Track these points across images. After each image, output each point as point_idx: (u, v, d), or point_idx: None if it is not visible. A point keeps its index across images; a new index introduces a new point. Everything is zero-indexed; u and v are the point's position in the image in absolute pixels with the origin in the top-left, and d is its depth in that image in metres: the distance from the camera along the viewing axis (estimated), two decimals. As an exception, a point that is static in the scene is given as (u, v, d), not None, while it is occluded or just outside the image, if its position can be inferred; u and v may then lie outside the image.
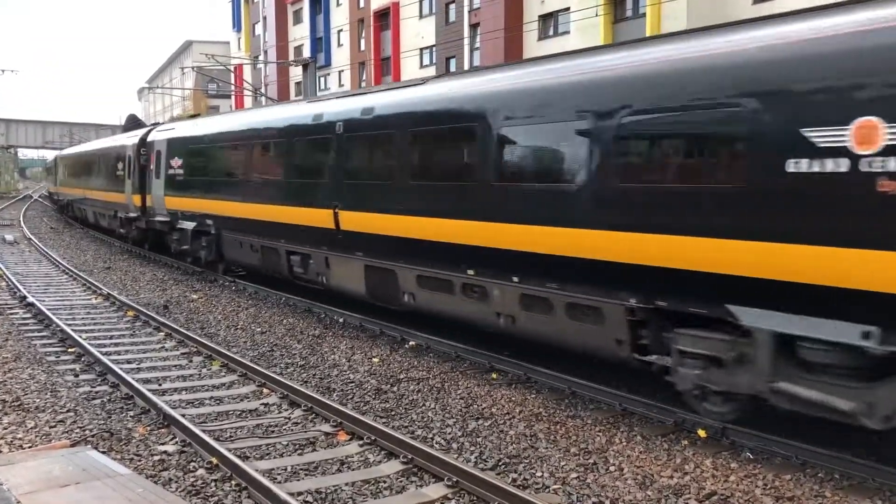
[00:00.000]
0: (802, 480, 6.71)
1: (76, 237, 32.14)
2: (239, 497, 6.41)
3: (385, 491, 6.61)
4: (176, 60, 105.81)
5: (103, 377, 10.16)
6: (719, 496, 6.41)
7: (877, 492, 6.45)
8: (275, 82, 63.72)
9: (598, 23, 30.49)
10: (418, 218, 11.00)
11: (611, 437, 7.82)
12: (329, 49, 59.34)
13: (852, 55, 6.27)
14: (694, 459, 7.21)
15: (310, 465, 7.15)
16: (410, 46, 47.33)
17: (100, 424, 8.04)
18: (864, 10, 6.42)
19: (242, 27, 76.15)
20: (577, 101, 8.70)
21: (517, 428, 8.11)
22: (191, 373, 10.59)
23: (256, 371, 10.12)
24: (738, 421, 7.72)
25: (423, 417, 8.54)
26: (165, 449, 7.50)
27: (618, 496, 6.41)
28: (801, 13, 7.05)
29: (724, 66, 7.24)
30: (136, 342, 12.42)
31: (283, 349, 11.88)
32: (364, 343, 12.17)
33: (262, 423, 8.33)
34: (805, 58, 6.63)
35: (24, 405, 8.62)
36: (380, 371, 10.48)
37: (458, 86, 10.90)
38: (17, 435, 7.68)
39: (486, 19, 38.21)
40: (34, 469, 6.37)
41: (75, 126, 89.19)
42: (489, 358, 10.68)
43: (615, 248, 8.12)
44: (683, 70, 7.62)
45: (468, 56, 40.81)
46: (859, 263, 6.13)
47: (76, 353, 11.45)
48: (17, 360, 10.65)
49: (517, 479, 6.76)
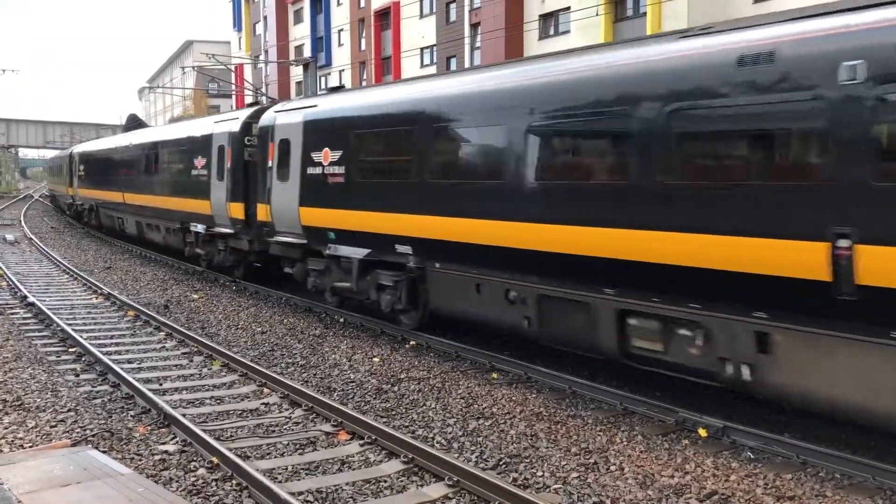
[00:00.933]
0: (803, 480, 6.71)
1: (77, 237, 32.15)
2: (239, 497, 6.42)
3: (386, 490, 6.61)
4: (176, 60, 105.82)
5: (104, 377, 10.16)
6: (720, 495, 6.40)
7: (877, 491, 6.44)
8: (275, 82, 63.74)
9: (599, 22, 30.48)
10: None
11: (611, 437, 7.82)
12: (329, 48, 59.35)
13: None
14: (695, 459, 7.21)
15: (310, 464, 7.16)
16: (411, 46, 47.32)
17: (100, 424, 8.04)
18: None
19: (243, 27, 76.16)
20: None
21: (518, 427, 8.11)
22: (191, 372, 10.59)
23: (257, 371, 10.12)
24: (739, 420, 7.71)
25: (423, 417, 8.54)
26: (166, 448, 7.50)
27: (618, 496, 6.41)
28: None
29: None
30: (136, 342, 12.43)
31: (283, 349, 11.88)
32: (365, 343, 12.17)
33: (263, 423, 8.34)
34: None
35: (24, 405, 8.63)
36: (380, 371, 10.48)
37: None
38: (17, 434, 7.68)
39: (487, 19, 38.20)
40: (35, 469, 6.37)
41: (76, 126, 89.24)
42: (490, 357, 10.68)
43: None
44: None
45: (469, 56, 40.80)
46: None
47: (77, 352, 11.46)
48: (18, 360, 10.65)
49: (518, 479, 6.76)
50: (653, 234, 7.98)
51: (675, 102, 7.78)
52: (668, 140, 7.87)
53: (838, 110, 6.57)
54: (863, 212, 6.45)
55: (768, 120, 7.17)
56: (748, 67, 7.21)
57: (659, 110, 7.91)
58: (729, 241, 7.34)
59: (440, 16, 44.26)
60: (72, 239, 31.12)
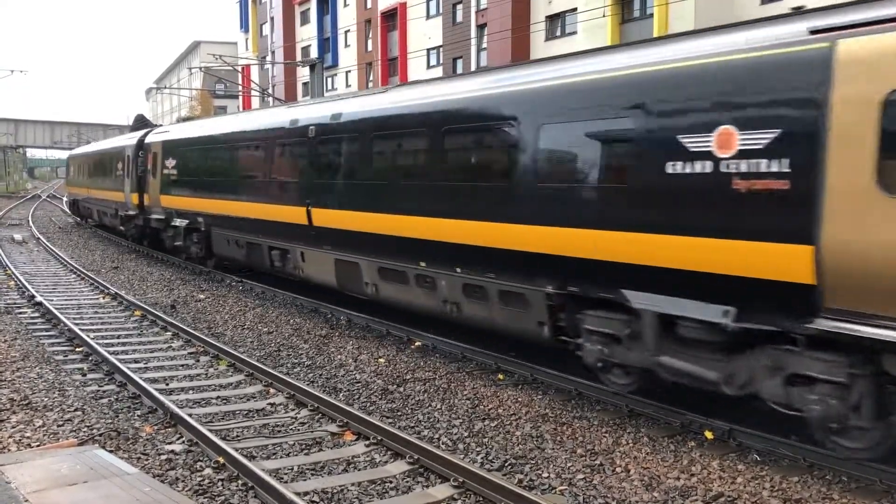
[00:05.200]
0: (810, 482, 6.69)
1: (84, 237, 32.25)
2: (245, 496, 6.43)
3: (391, 491, 6.61)
4: (184, 61, 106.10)
5: (111, 376, 10.20)
6: (726, 498, 6.39)
7: (884, 494, 6.42)
8: (282, 83, 63.82)
9: (606, 23, 30.43)
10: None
11: (617, 439, 7.81)
12: (336, 49, 59.41)
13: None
14: (701, 461, 7.19)
15: (316, 464, 7.17)
16: (417, 47, 47.34)
17: (107, 423, 8.06)
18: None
19: (250, 28, 76.33)
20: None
21: (523, 429, 8.11)
22: (198, 372, 10.62)
23: (263, 371, 10.14)
24: (745, 423, 7.70)
25: (429, 418, 8.54)
26: (172, 448, 7.52)
27: (624, 497, 6.40)
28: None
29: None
30: (143, 341, 12.46)
31: (289, 349, 11.90)
32: (370, 343, 12.18)
33: (269, 423, 8.35)
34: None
35: (32, 404, 8.65)
36: (386, 371, 10.49)
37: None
38: (25, 433, 7.70)
39: (494, 20, 38.19)
40: (42, 468, 6.40)
41: (83, 126, 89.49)
42: (496, 358, 10.67)
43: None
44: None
45: (475, 57, 40.80)
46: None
47: (84, 352, 11.49)
48: (26, 360, 10.68)
49: (523, 480, 6.76)
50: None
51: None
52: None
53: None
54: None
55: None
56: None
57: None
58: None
59: (447, 17, 44.27)
60: (79, 239, 31.21)
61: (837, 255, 6.13)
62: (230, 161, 17.36)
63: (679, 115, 7.33)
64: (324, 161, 13.32)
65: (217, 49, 66.39)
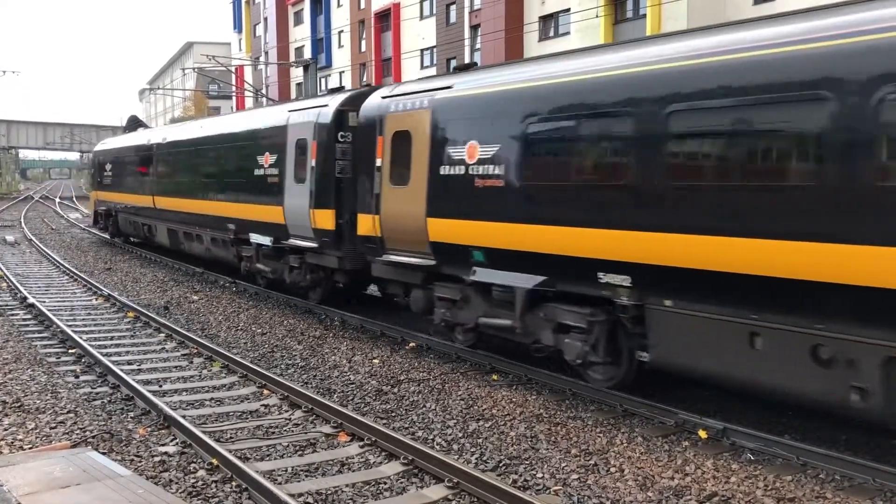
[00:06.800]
0: (803, 481, 6.70)
1: (77, 238, 32.15)
2: (239, 498, 6.41)
3: (386, 492, 6.60)
4: (177, 61, 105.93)
5: (104, 378, 10.16)
6: (720, 497, 6.40)
7: (877, 492, 6.44)
8: (276, 83, 63.77)
9: (599, 24, 30.49)
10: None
11: (611, 438, 7.82)
12: (330, 50, 59.38)
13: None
14: (695, 460, 7.20)
15: (310, 466, 7.15)
16: (411, 47, 47.35)
17: (100, 425, 8.03)
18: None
19: (243, 28, 76.19)
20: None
21: (518, 429, 8.11)
22: (191, 374, 10.59)
23: (257, 372, 10.12)
24: (739, 422, 7.71)
25: (423, 418, 8.53)
26: (166, 450, 7.50)
27: (619, 497, 6.41)
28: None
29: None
30: (136, 343, 12.43)
31: (283, 350, 11.88)
32: (364, 344, 12.17)
33: (263, 425, 8.33)
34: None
35: (24, 406, 8.62)
36: (380, 372, 10.48)
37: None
38: (17, 436, 7.67)
39: (487, 20, 38.23)
40: (35, 470, 6.37)
41: (76, 127, 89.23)
42: (490, 359, 10.68)
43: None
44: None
45: (469, 57, 40.82)
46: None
47: (77, 354, 11.45)
48: (18, 362, 10.64)
49: (518, 481, 6.76)
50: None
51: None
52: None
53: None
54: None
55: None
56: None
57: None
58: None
59: (440, 17, 44.30)
60: (72, 240, 31.10)
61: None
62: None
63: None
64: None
65: (210, 49, 66.33)
